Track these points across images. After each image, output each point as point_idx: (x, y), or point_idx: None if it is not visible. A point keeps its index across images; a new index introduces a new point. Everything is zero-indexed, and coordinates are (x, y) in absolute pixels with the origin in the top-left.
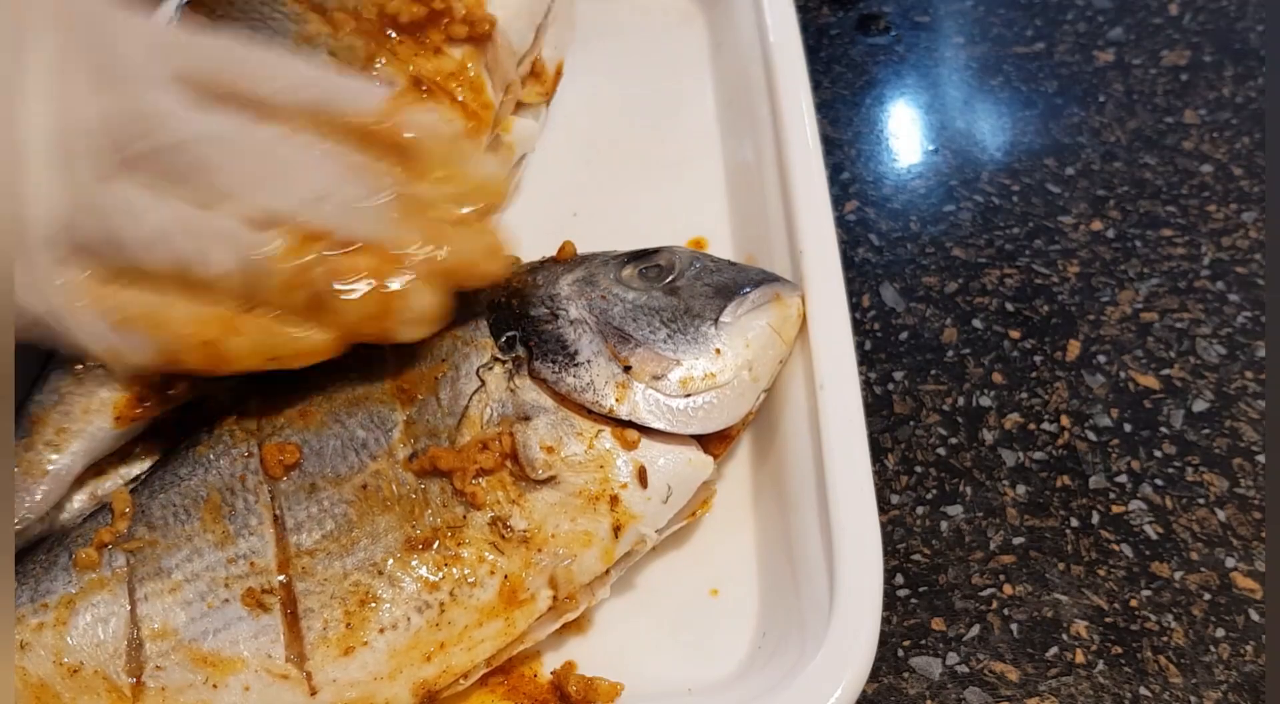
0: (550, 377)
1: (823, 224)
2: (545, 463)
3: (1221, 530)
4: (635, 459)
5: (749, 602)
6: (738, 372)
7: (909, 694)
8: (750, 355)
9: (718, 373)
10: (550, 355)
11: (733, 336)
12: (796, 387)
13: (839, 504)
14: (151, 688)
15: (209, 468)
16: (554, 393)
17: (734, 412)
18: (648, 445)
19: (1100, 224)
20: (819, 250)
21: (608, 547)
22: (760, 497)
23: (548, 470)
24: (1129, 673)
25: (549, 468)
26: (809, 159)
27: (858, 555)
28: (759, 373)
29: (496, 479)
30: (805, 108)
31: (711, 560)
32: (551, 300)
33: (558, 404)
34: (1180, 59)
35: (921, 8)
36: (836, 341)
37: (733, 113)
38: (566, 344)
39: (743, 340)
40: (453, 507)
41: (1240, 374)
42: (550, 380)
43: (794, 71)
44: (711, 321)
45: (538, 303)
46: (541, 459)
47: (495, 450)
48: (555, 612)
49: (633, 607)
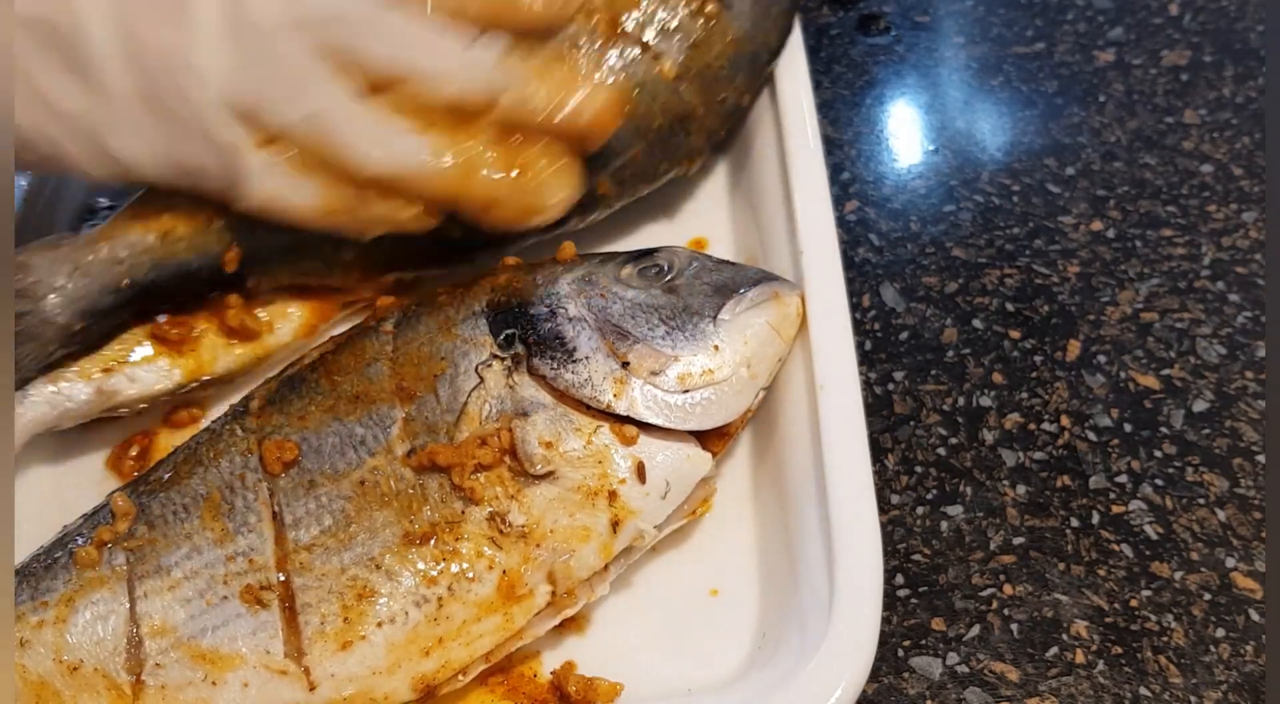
0: (549, 373)
1: (823, 224)
2: (544, 458)
3: (1221, 530)
4: (633, 455)
5: (749, 602)
6: (736, 368)
7: (909, 694)
8: (749, 352)
9: (716, 369)
10: (549, 352)
11: (731, 334)
12: (796, 386)
13: (839, 504)
14: (151, 685)
15: (209, 466)
16: (552, 389)
17: (732, 408)
18: (646, 441)
19: (1100, 224)
20: (819, 250)
21: (606, 542)
22: (760, 496)
23: (546, 465)
24: (1129, 673)
25: (547, 463)
26: (809, 159)
27: (858, 555)
28: (757, 370)
29: (495, 475)
30: (806, 108)
31: (711, 560)
32: (551, 299)
33: (556, 400)
34: (1180, 59)
35: (922, 8)
36: (836, 342)
37: None
38: (565, 341)
39: (741, 337)
40: (451, 502)
41: (1240, 374)
42: (549, 377)
43: (795, 71)
44: (710, 319)
45: (537, 301)
46: (540, 454)
47: (494, 446)
48: (554, 608)
49: (632, 607)
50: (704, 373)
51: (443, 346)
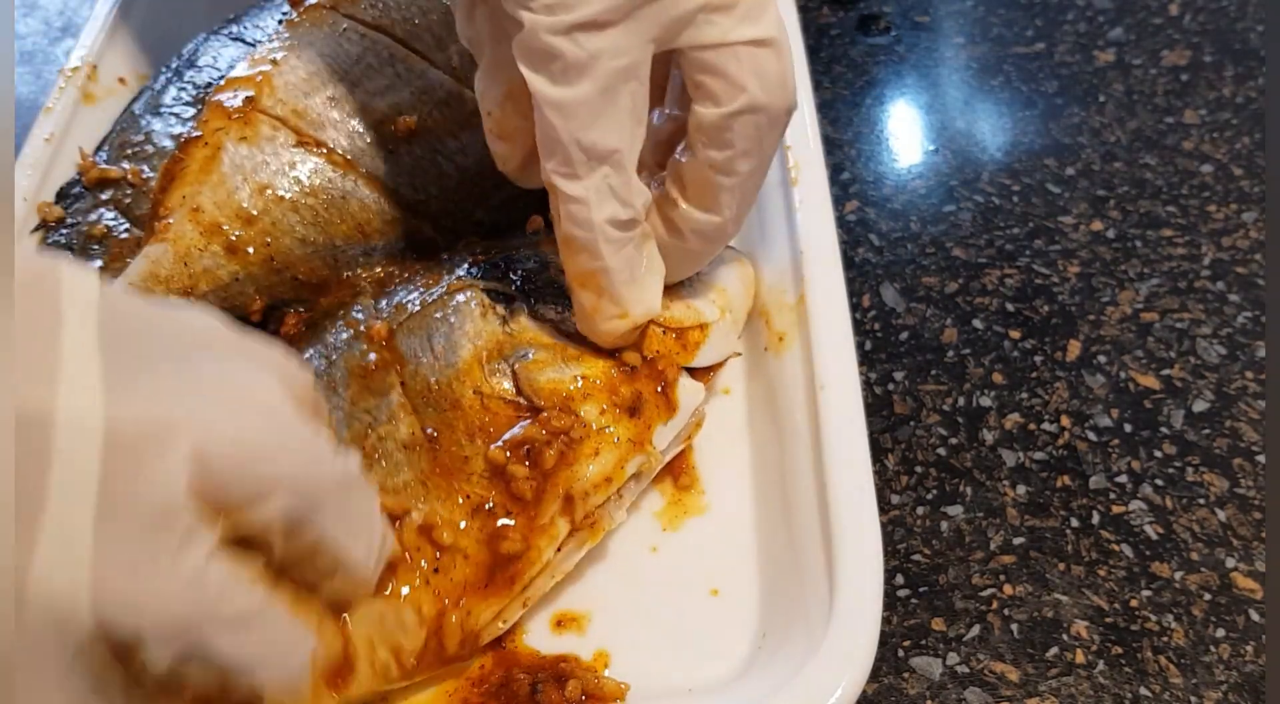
0: (555, 317)
1: (823, 224)
2: (550, 391)
3: (1222, 531)
4: (633, 384)
5: (749, 602)
6: (721, 313)
7: (909, 694)
8: (728, 299)
9: (705, 312)
10: (546, 297)
11: (712, 283)
12: (796, 386)
13: (839, 504)
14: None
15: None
16: (556, 330)
17: (721, 348)
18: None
19: (1100, 224)
20: (819, 250)
21: (618, 459)
22: (760, 497)
23: (553, 400)
24: (1129, 673)
25: (554, 396)
26: (809, 159)
27: (858, 555)
28: (738, 317)
29: (503, 417)
30: (806, 108)
31: (712, 560)
32: (538, 255)
33: (554, 340)
34: (1180, 59)
35: (922, 8)
36: (837, 341)
37: None
38: (560, 286)
39: (721, 287)
40: (461, 445)
41: (1240, 374)
42: (556, 320)
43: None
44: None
45: (524, 258)
46: (547, 389)
47: (499, 390)
48: (577, 539)
49: (633, 606)
50: (696, 314)
51: (433, 306)
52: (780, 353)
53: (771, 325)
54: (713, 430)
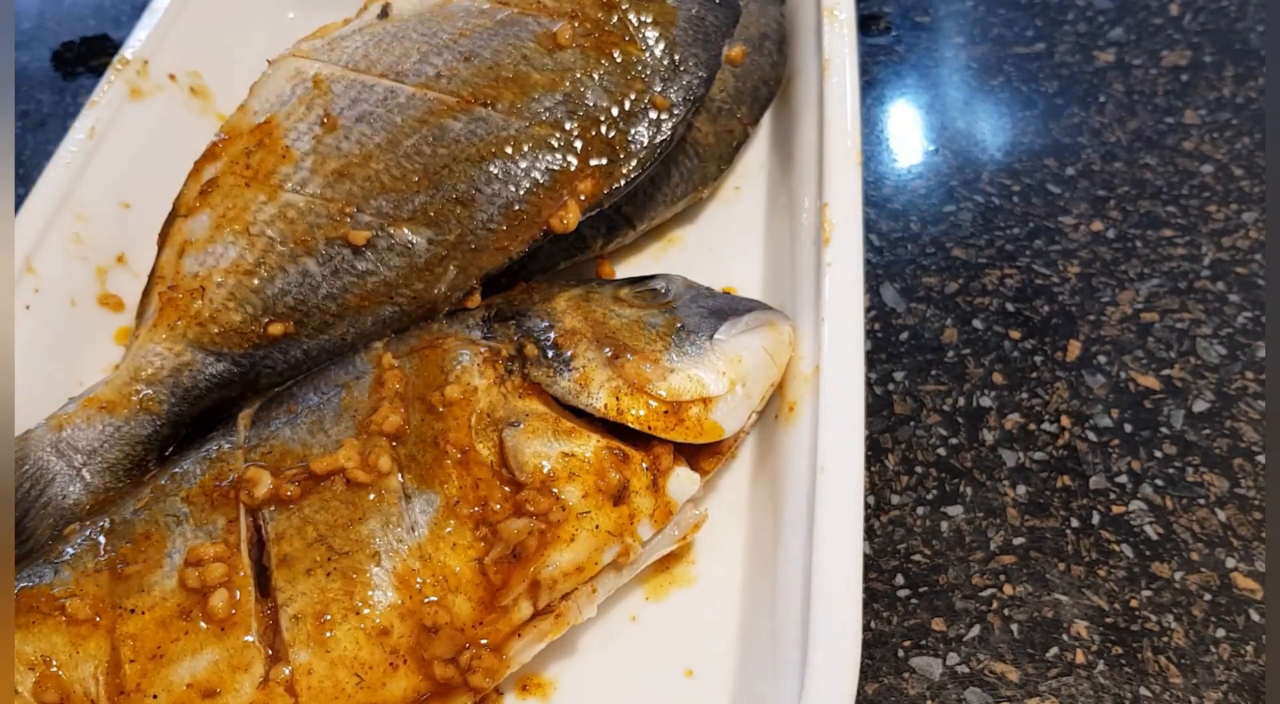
0: (545, 380)
1: (850, 289)
2: (533, 467)
3: (1222, 531)
4: (623, 470)
5: (722, 690)
6: (730, 386)
7: (909, 694)
8: (742, 372)
9: (710, 384)
10: (545, 361)
11: (726, 353)
12: (800, 464)
13: (821, 604)
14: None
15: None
16: (546, 399)
17: (727, 425)
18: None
19: (1100, 224)
20: (843, 319)
21: (591, 552)
22: (750, 577)
23: (535, 475)
24: (1129, 673)
25: (536, 472)
26: (847, 216)
27: (834, 658)
28: (751, 391)
29: (484, 483)
30: (850, 171)
31: (690, 639)
32: (548, 312)
33: (548, 409)
34: (1180, 59)
35: (922, 8)
36: (845, 420)
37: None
38: (561, 350)
39: (736, 357)
40: (437, 506)
41: (1240, 374)
42: (545, 384)
43: (844, 89)
44: (707, 338)
45: (534, 314)
46: (530, 463)
47: (483, 456)
48: (539, 630)
49: (603, 679)
50: (698, 387)
51: (434, 356)
52: (789, 424)
53: (785, 393)
54: (715, 496)
